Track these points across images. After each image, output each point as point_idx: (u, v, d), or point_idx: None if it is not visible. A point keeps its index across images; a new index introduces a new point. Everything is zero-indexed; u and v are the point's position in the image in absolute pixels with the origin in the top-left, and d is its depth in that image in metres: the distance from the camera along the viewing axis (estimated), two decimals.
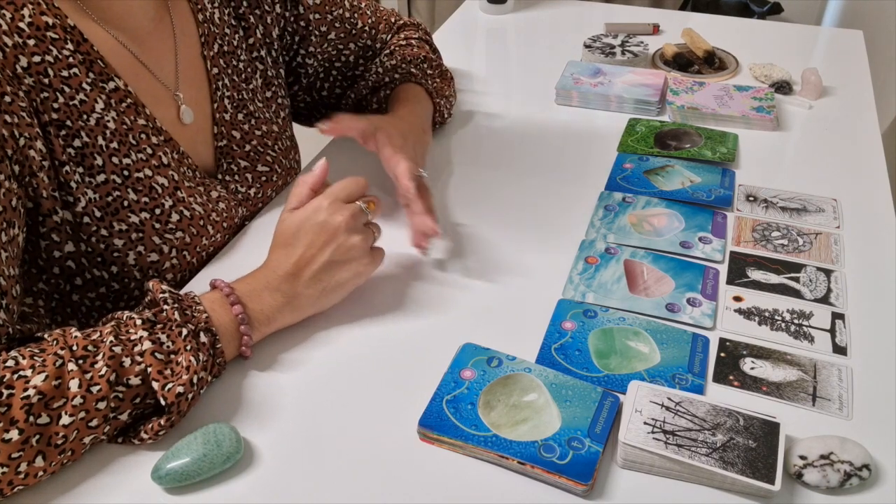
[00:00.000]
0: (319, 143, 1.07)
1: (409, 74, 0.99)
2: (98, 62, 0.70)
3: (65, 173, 0.68)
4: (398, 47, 1.02)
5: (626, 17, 1.43)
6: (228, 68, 0.86)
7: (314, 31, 0.95)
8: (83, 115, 0.69)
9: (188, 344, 0.60)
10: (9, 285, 0.62)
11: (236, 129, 0.86)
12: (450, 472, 0.59)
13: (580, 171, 0.97)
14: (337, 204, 0.71)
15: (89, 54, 0.70)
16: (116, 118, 0.72)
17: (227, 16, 0.86)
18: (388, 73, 0.98)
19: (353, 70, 1.02)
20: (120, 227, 0.72)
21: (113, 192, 0.71)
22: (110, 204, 0.71)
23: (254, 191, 0.89)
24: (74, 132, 0.68)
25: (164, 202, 0.75)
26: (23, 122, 0.63)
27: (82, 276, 0.73)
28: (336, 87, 1.02)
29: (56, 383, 0.55)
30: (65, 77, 0.68)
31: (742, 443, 0.58)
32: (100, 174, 0.70)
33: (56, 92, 0.67)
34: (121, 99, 0.72)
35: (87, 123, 0.69)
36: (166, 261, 0.76)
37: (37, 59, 0.66)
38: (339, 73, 1.01)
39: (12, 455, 0.53)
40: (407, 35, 1.05)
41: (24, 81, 0.64)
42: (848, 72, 1.22)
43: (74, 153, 0.69)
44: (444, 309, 0.75)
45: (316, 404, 0.65)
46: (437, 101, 1.01)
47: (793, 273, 0.78)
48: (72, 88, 0.68)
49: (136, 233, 0.73)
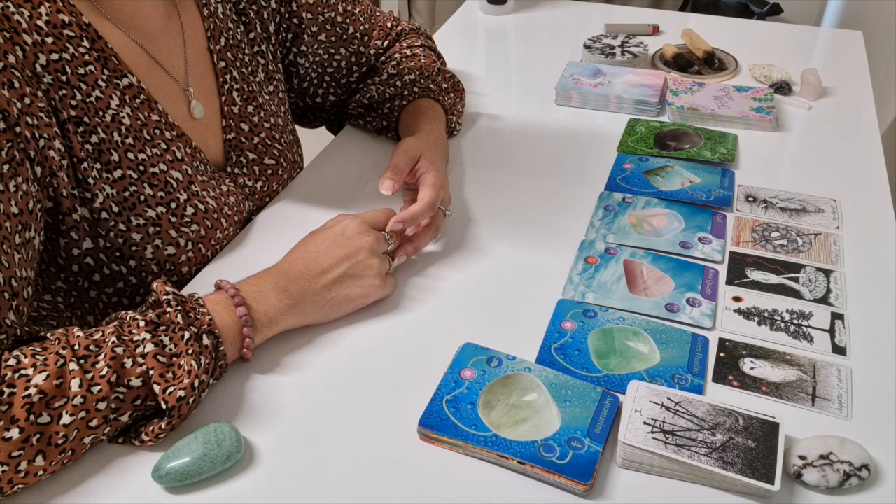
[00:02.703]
0: (319, 140, 1.07)
1: (427, 90, 0.99)
2: (112, 59, 0.71)
3: (83, 170, 0.68)
4: (404, 58, 1.01)
5: (626, 18, 1.43)
6: (236, 61, 0.86)
7: (306, 30, 0.95)
8: (99, 111, 0.70)
9: (190, 347, 0.60)
10: (20, 287, 0.62)
11: (245, 121, 0.87)
12: (450, 472, 0.59)
13: (580, 171, 0.98)
14: (365, 226, 0.74)
15: (104, 51, 0.70)
16: (131, 114, 0.72)
17: (228, 11, 0.87)
18: (405, 86, 0.98)
19: (346, 77, 1.02)
20: (137, 222, 0.73)
21: (129, 188, 0.72)
22: (127, 199, 0.72)
23: (260, 184, 0.90)
24: (91, 129, 0.69)
25: (180, 196, 0.76)
26: (41, 122, 0.64)
27: (101, 271, 0.73)
28: (330, 94, 1.02)
29: (57, 382, 0.55)
30: (81, 74, 0.68)
31: (741, 443, 0.58)
32: (116, 170, 0.71)
33: (73, 89, 0.67)
34: (135, 95, 0.73)
35: (104, 120, 0.70)
36: (183, 254, 0.76)
37: (55, 57, 0.66)
38: (331, 78, 1.01)
39: (12, 454, 0.53)
40: (410, 43, 1.05)
41: (42, 80, 0.65)
42: (847, 72, 1.22)
43: (92, 149, 0.69)
44: (444, 309, 0.75)
45: (316, 404, 0.65)
46: (450, 118, 1.01)
47: (792, 273, 0.79)
48: (88, 86, 0.69)
49: (153, 227, 0.74)
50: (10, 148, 0.60)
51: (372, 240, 0.73)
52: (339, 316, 0.73)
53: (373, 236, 0.74)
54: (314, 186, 0.95)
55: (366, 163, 1.00)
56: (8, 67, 0.61)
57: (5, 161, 0.60)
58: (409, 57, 1.02)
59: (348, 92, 1.03)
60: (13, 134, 0.61)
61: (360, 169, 0.98)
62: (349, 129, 1.08)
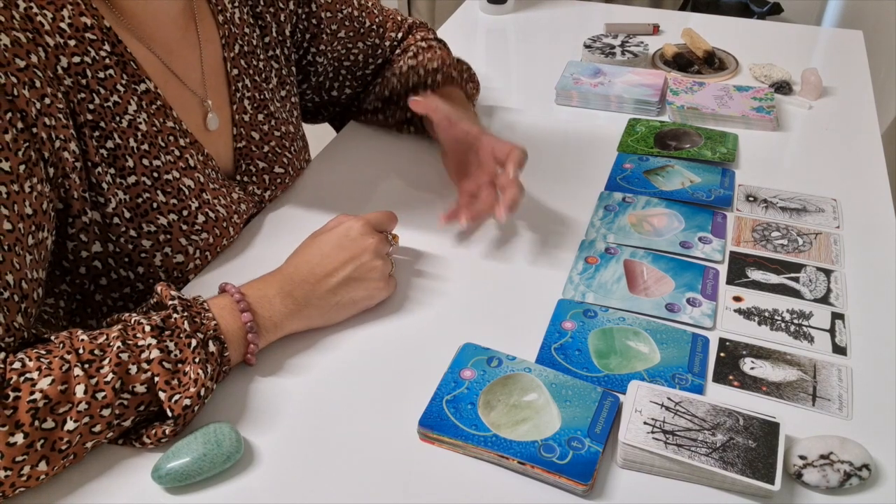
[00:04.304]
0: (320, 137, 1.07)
1: (450, 78, 0.98)
2: (131, 64, 0.71)
3: (97, 174, 0.68)
4: (420, 50, 1.01)
5: (626, 18, 1.43)
6: (249, 68, 0.86)
7: (325, 28, 0.95)
8: (116, 116, 0.69)
9: (197, 356, 0.60)
10: (31, 288, 0.62)
11: (255, 129, 0.87)
12: (450, 472, 0.59)
13: (580, 171, 0.97)
14: (369, 227, 0.74)
15: (123, 56, 0.70)
16: (147, 120, 0.72)
17: (245, 14, 0.86)
18: (429, 74, 0.97)
19: (362, 70, 1.01)
20: (148, 229, 0.72)
21: (143, 194, 0.72)
22: (140, 205, 0.72)
23: (269, 193, 0.89)
24: (108, 133, 0.69)
25: (191, 204, 0.76)
26: (59, 123, 0.64)
27: (108, 276, 0.73)
28: (346, 87, 1.02)
29: (62, 388, 0.55)
30: (101, 78, 0.68)
31: (742, 443, 0.58)
32: (130, 176, 0.71)
33: (92, 93, 0.67)
34: (151, 101, 0.73)
35: (120, 125, 0.70)
36: (191, 262, 0.76)
37: (76, 60, 0.66)
38: (348, 72, 1.01)
39: (16, 458, 0.53)
40: (424, 36, 1.05)
41: (63, 82, 0.65)
42: (848, 72, 1.22)
43: (107, 154, 0.69)
44: (444, 309, 0.75)
45: (316, 404, 0.65)
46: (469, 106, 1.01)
47: (792, 273, 0.79)
48: (107, 90, 0.69)
49: (164, 234, 0.74)
50: (27, 149, 0.60)
51: (376, 241, 0.73)
52: (343, 319, 0.73)
53: (377, 238, 0.73)
54: (318, 187, 0.95)
55: (369, 161, 1.00)
56: (30, 67, 0.61)
57: (21, 162, 0.60)
58: (427, 48, 1.02)
59: (363, 84, 1.03)
60: (30, 135, 0.61)
61: (364, 167, 0.98)
62: (352, 126, 1.07)
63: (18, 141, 0.59)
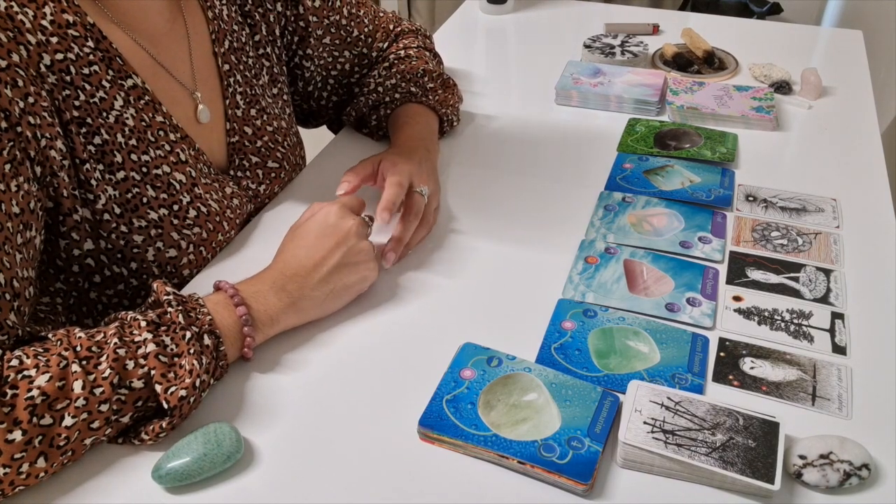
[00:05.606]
0: (319, 139, 1.07)
1: (408, 94, 0.98)
2: (117, 59, 0.71)
3: (85, 171, 0.68)
4: (397, 60, 1.01)
5: (626, 18, 1.43)
6: (240, 64, 0.86)
7: (312, 33, 0.95)
8: (103, 112, 0.69)
9: (192, 347, 0.60)
10: (22, 287, 0.62)
11: (248, 124, 0.87)
12: (450, 472, 0.59)
13: (580, 171, 0.97)
14: (345, 209, 0.74)
15: (108, 52, 0.70)
16: (135, 115, 0.72)
17: (233, 13, 0.86)
18: (387, 92, 0.98)
19: (348, 78, 1.02)
20: (139, 224, 0.72)
21: (132, 189, 0.72)
22: (130, 201, 0.72)
23: (263, 187, 0.90)
24: (95, 129, 0.69)
25: (182, 198, 0.76)
26: (44, 122, 0.64)
27: (101, 273, 0.73)
28: (333, 95, 1.02)
29: (60, 384, 0.55)
30: (86, 75, 0.68)
31: (742, 442, 0.58)
32: (119, 171, 0.71)
33: (77, 90, 0.67)
34: (139, 96, 0.73)
35: (107, 121, 0.70)
36: (184, 256, 0.76)
37: (59, 57, 0.66)
38: (335, 81, 1.01)
39: (15, 456, 0.53)
40: (406, 44, 1.05)
41: (46, 80, 0.65)
42: (848, 72, 1.22)
43: (95, 150, 0.69)
44: (444, 309, 0.75)
45: (316, 404, 0.65)
46: (444, 112, 1.00)
47: (792, 273, 0.79)
48: (92, 86, 0.69)
49: (156, 229, 0.74)
50: (12, 148, 0.60)
51: (356, 223, 0.74)
52: (340, 307, 0.73)
53: (356, 220, 0.74)
54: (315, 187, 0.95)
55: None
56: (12, 66, 0.61)
57: (6, 161, 0.60)
58: (402, 59, 1.01)
59: (350, 94, 1.03)
60: (14, 134, 0.61)
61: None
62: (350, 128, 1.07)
63: (3, 140, 0.59)
